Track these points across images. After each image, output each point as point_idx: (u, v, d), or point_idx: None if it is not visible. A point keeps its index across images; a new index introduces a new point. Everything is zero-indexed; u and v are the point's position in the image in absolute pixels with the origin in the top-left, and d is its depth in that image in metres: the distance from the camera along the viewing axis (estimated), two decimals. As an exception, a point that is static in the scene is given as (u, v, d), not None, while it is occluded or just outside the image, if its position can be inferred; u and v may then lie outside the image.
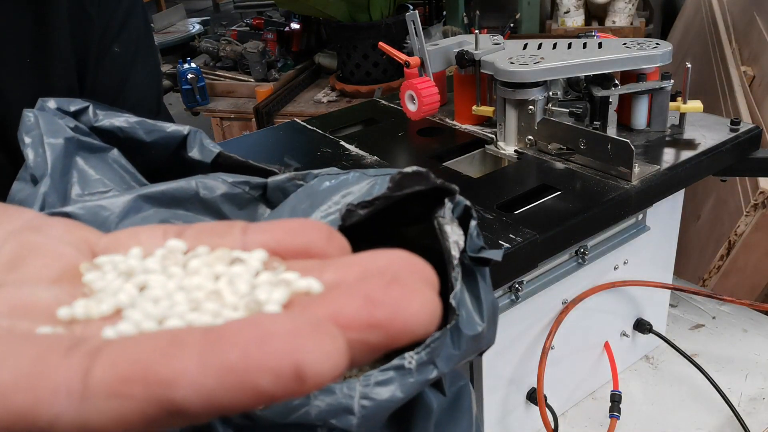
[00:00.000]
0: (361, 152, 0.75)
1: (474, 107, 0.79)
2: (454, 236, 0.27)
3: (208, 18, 3.36)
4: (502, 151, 0.75)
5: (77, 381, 0.15)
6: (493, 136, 0.77)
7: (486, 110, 0.78)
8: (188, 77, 1.92)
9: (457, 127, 0.81)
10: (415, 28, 0.76)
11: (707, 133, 0.72)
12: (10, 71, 0.55)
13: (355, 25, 1.78)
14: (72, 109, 0.32)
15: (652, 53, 0.70)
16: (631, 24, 2.68)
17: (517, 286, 0.60)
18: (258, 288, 0.19)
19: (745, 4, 1.80)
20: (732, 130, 0.72)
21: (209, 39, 2.23)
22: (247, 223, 0.22)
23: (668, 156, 0.68)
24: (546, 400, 0.66)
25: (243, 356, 0.15)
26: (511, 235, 0.56)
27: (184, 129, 0.33)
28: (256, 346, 0.15)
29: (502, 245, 0.54)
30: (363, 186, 0.27)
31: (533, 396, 0.68)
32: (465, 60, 0.75)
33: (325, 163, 0.73)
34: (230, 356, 0.15)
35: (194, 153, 0.32)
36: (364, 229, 0.27)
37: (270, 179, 0.30)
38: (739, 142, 0.71)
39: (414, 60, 0.78)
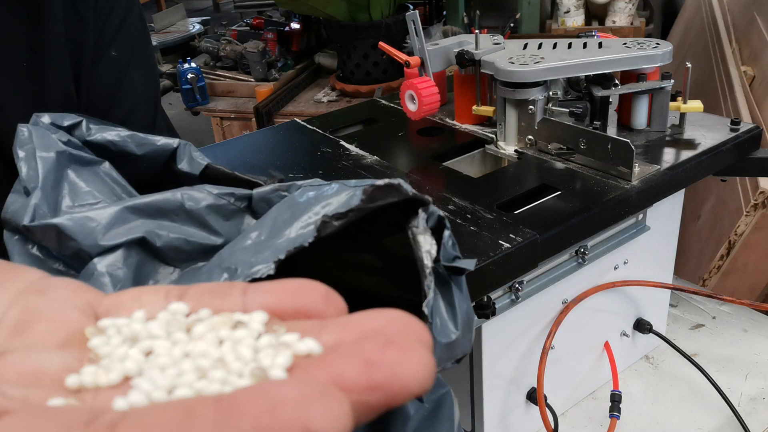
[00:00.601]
0: (361, 152, 0.75)
1: (474, 107, 0.79)
2: (427, 246, 0.27)
3: (208, 18, 3.36)
4: (502, 151, 0.75)
5: None
6: (493, 135, 0.77)
7: (486, 110, 0.78)
8: (188, 77, 1.92)
9: (457, 127, 0.81)
10: (415, 28, 0.76)
11: (707, 133, 0.72)
12: (6, 76, 0.55)
13: (355, 25, 1.78)
14: (65, 123, 0.33)
15: (652, 53, 0.70)
16: (631, 24, 2.68)
17: (517, 286, 0.60)
18: (261, 352, 0.20)
19: (745, 4, 1.80)
20: (732, 130, 0.72)
21: (209, 39, 2.23)
22: (246, 284, 0.23)
23: (668, 156, 0.68)
24: (546, 400, 0.66)
25: (256, 425, 0.15)
26: (511, 235, 0.56)
27: (174, 142, 0.33)
28: (267, 414, 0.15)
29: (502, 244, 0.54)
30: (342, 197, 0.28)
31: (533, 396, 0.68)
32: (465, 60, 0.75)
33: (326, 163, 0.73)
34: (243, 425, 0.15)
35: (183, 165, 0.33)
36: (347, 239, 0.28)
37: (255, 191, 0.31)
38: (739, 142, 0.71)
39: (414, 60, 0.78)
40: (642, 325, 0.76)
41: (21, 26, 0.55)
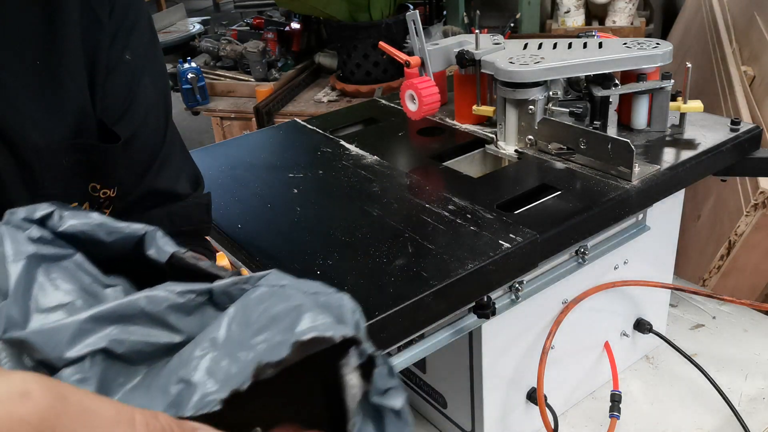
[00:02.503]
0: (361, 152, 0.75)
1: (474, 107, 0.79)
2: (353, 386, 0.28)
3: (209, 18, 3.36)
4: (502, 151, 0.75)
5: None
6: (494, 135, 0.77)
7: (486, 110, 0.78)
8: (188, 77, 1.92)
9: (457, 127, 0.81)
10: (415, 28, 0.76)
11: (707, 133, 0.72)
12: (19, 74, 0.55)
13: (355, 25, 1.78)
14: (37, 215, 0.34)
15: (653, 53, 0.70)
16: (632, 24, 2.68)
17: (517, 286, 0.60)
18: None
19: (745, 4, 1.80)
20: (732, 130, 0.72)
21: (209, 38, 2.23)
22: None
23: (668, 156, 0.68)
24: (546, 400, 0.66)
25: None
26: (511, 235, 0.56)
27: (141, 229, 0.35)
28: None
29: (502, 244, 0.54)
30: (291, 315, 0.28)
31: (533, 396, 0.68)
32: (465, 60, 0.75)
33: (326, 163, 0.73)
34: None
35: (152, 252, 0.35)
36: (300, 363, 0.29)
37: (214, 285, 0.32)
38: (739, 142, 0.71)
39: (414, 60, 0.78)
40: (642, 325, 0.76)
41: (36, 26, 0.55)
